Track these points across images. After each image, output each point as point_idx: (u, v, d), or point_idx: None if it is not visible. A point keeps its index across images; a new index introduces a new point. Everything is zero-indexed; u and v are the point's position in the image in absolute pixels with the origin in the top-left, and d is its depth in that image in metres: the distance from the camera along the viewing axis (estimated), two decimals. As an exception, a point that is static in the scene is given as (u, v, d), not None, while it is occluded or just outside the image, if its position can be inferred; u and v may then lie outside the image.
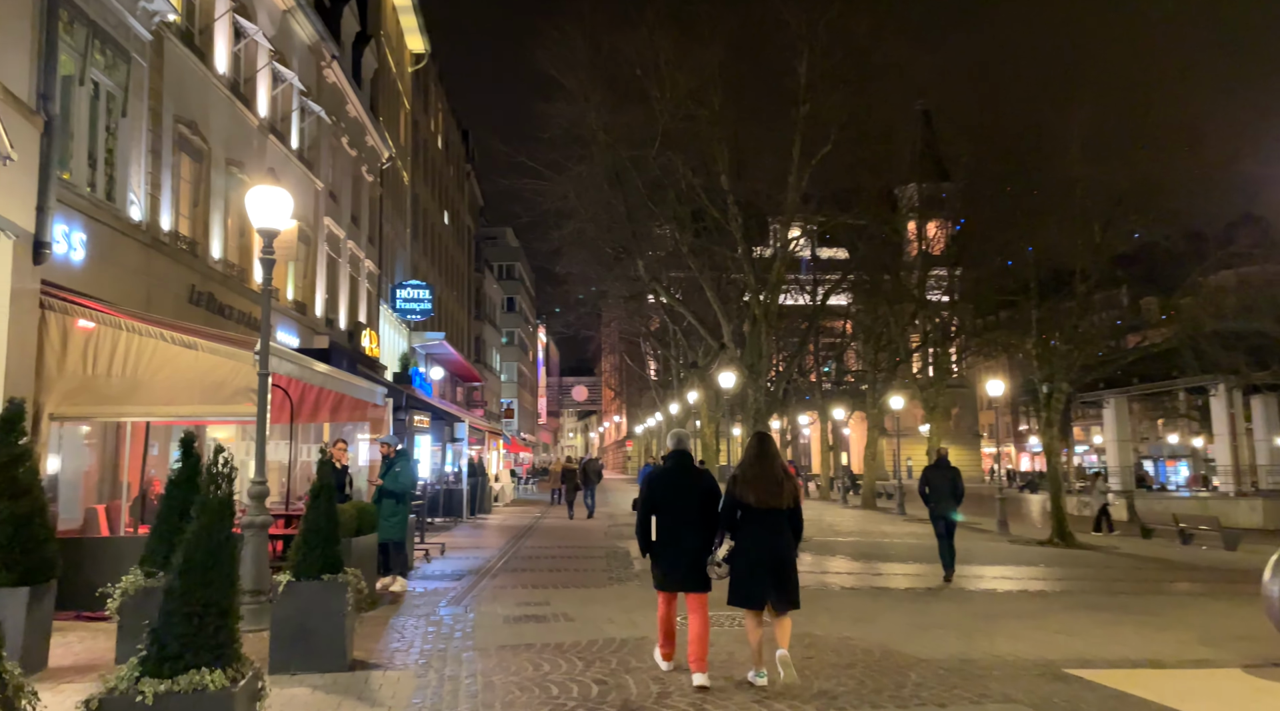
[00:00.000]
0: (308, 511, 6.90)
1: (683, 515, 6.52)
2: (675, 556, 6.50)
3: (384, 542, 10.95)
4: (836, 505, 36.65)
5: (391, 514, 10.91)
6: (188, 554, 3.74)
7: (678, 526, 6.50)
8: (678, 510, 6.54)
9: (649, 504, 6.63)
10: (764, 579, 6.25)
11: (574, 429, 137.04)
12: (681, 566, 6.48)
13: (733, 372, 24.88)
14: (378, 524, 10.88)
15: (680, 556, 6.48)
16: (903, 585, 12.64)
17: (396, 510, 10.94)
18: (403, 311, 33.47)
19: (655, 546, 6.59)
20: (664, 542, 6.54)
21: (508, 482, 33.53)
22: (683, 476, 6.68)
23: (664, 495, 6.60)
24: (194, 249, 16.26)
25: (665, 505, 6.58)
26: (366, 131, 28.26)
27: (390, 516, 10.90)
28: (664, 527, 6.53)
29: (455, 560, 14.55)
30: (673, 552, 6.51)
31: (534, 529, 21.89)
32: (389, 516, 10.89)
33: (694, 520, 6.52)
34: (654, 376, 44.76)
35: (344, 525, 9.16)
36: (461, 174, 55.09)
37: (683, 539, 6.49)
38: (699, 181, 18.98)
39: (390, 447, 11.22)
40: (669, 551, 6.53)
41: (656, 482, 6.67)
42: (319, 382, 10.97)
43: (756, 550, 6.30)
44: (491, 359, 66.53)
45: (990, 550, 18.78)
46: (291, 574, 6.72)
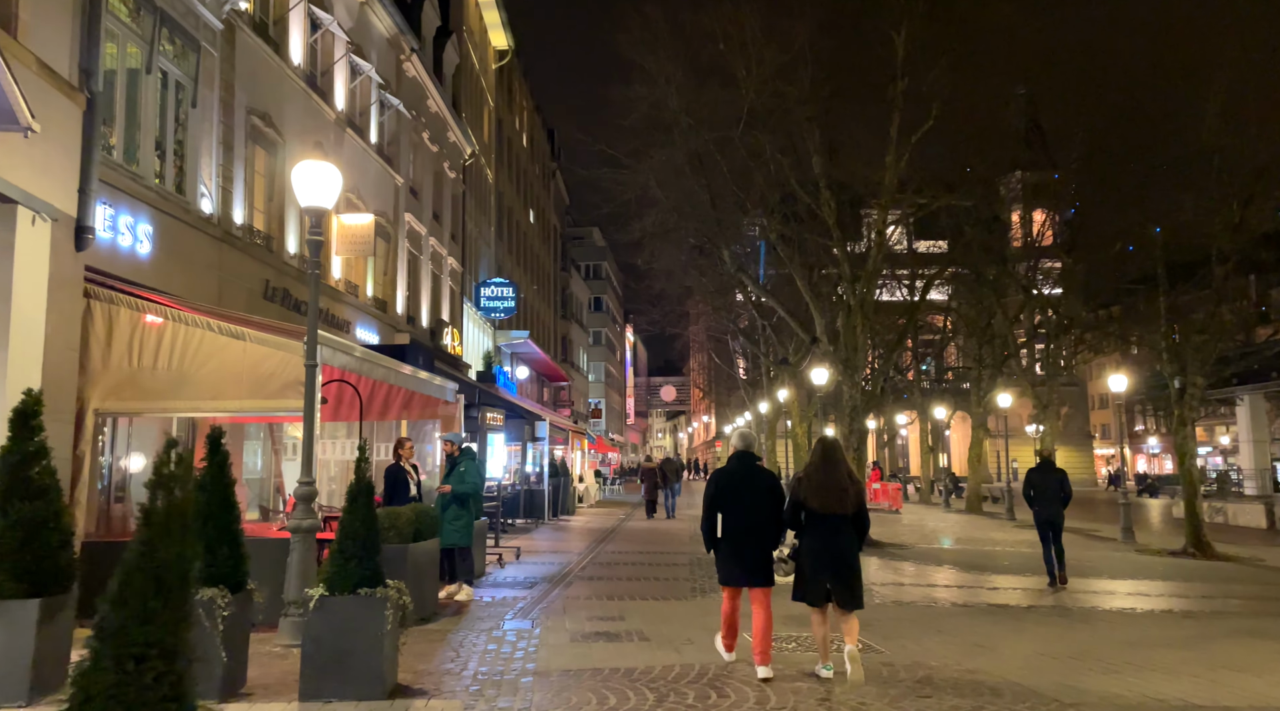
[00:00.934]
0: (344, 517, 6.12)
1: (746, 513, 6.72)
2: (738, 552, 6.70)
3: (448, 548, 10.21)
4: (938, 509, 34.71)
5: (455, 517, 10.15)
6: (123, 579, 2.90)
7: (741, 524, 6.71)
8: (741, 509, 6.74)
9: (714, 502, 6.83)
10: (827, 578, 6.48)
11: (662, 429, 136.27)
12: (745, 562, 6.69)
13: (825, 369, 23.53)
14: (440, 527, 10.15)
15: (743, 553, 6.69)
16: (1022, 601, 11.22)
17: (460, 513, 10.18)
18: (486, 310, 33.16)
19: (720, 543, 6.78)
20: (728, 539, 6.74)
21: (592, 483, 32.84)
22: (746, 476, 6.86)
23: (728, 494, 6.79)
24: (269, 244, 15.96)
25: (730, 504, 6.76)
26: (448, 127, 27.96)
27: (454, 519, 10.15)
28: (728, 525, 6.73)
29: (529, 565, 13.77)
30: (736, 549, 6.71)
31: (616, 532, 21.04)
32: (453, 519, 10.15)
33: (757, 518, 6.73)
34: (742, 374, 43.42)
35: (400, 530, 8.43)
36: (547, 172, 54.90)
37: (746, 536, 6.70)
38: (788, 161, 17.75)
39: (454, 446, 10.48)
40: (733, 548, 6.73)
41: (722, 482, 6.89)
42: (380, 376, 10.31)
43: (820, 551, 6.51)
44: (578, 359, 66.28)
45: (1118, 561, 17.00)
46: (325, 587, 5.94)
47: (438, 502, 10.26)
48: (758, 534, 6.72)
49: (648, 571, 13.41)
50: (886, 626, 9.04)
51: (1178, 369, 19.79)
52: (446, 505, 10.19)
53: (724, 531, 6.73)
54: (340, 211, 18.91)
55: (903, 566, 15.00)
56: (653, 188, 19.91)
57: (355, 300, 19.78)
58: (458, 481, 10.24)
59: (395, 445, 10.39)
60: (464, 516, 10.19)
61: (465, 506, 10.28)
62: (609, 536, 19.64)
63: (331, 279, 18.53)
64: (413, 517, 8.69)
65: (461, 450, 10.51)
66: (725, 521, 6.73)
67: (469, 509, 10.31)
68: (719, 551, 6.81)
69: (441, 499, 10.24)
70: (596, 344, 76.58)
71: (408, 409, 13.56)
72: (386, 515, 8.60)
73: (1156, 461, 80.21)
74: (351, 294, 19.67)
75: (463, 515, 10.18)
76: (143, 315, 8.37)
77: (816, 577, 6.49)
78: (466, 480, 10.30)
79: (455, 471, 10.33)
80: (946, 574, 14.20)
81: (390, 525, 8.49)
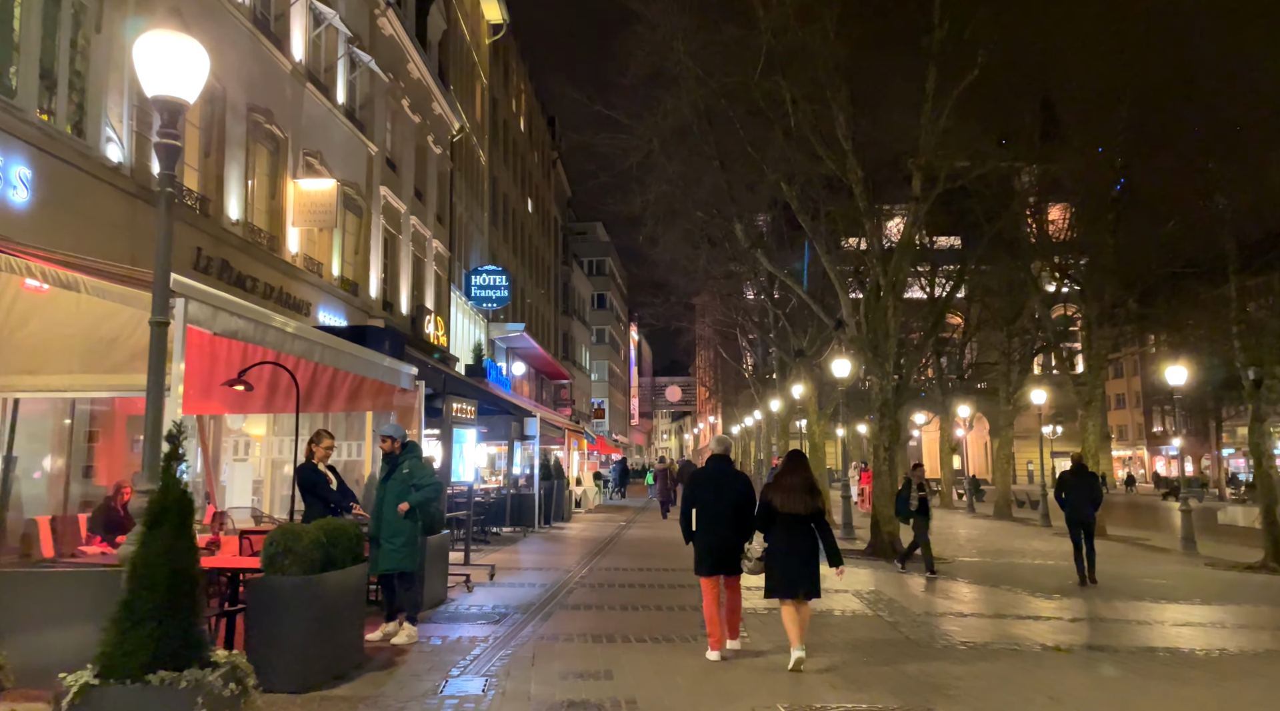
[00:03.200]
0: (136, 553, 3.73)
1: (719, 511, 7.37)
2: (712, 544, 7.34)
3: (385, 575, 7.84)
4: (961, 513, 32.24)
5: (395, 533, 7.77)
6: None
7: (715, 520, 7.36)
8: (715, 506, 7.38)
9: (690, 500, 7.58)
10: (792, 574, 7.02)
11: (668, 430, 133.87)
12: (717, 553, 7.31)
13: (848, 360, 21.10)
14: (375, 548, 7.76)
15: (716, 544, 7.32)
16: (1132, 637, 8.81)
17: (401, 528, 7.79)
18: (478, 299, 30.81)
19: (696, 536, 7.46)
20: (703, 532, 7.40)
21: (590, 486, 30.42)
22: (721, 477, 7.53)
23: (704, 493, 7.48)
24: (203, 206, 13.61)
25: (705, 501, 7.45)
26: (432, 97, 25.59)
27: (394, 537, 7.77)
28: (703, 520, 7.41)
29: (504, 588, 11.37)
30: (710, 541, 7.35)
31: (615, 542, 18.63)
32: (392, 537, 7.77)
33: (729, 515, 7.35)
34: (750, 371, 40.95)
35: (300, 556, 6.08)
36: (547, 162, 52.54)
37: (719, 530, 7.33)
38: (812, 111, 15.30)
39: (393, 442, 8.08)
40: (707, 540, 7.38)
41: (699, 482, 7.63)
42: (299, 352, 7.92)
43: (786, 549, 7.07)
44: (581, 356, 63.91)
45: (1193, 578, 14.57)
46: (96, 670, 3.55)
47: (376, 512, 7.88)
48: (729, 528, 7.34)
49: (649, 596, 11.01)
50: (976, 691, 6.61)
51: (1254, 358, 17.35)
52: (380, 518, 7.81)
53: (699, 525, 7.42)
54: (298, 175, 16.57)
55: (954, 587, 12.57)
56: (655, 152, 17.49)
57: (318, 279, 17.43)
58: (400, 487, 7.84)
59: (310, 441, 8.01)
60: (406, 532, 7.81)
61: (410, 518, 7.90)
62: (606, 548, 17.24)
63: (287, 254, 16.18)
64: (319, 538, 6.31)
65: (404, 446, 8.12)
66: (700, 517, 7.45)
67: (413, 522, 7.91)
68: (696, 543, 7.49)
69: (379, 511, 7.86)
70: (600, 342, 74.17)
71: (356, 398, 11.11)
72: (281, 536, 6.22)
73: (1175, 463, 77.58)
74: (313, 271, 17.32)
75: (404, 531, 7.80)
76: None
77: (785, 574, 7.06)
78: (423, 485, 7.91)
79: (397, 474, 7.94)
80: (1014, 599, 11.75)
81: (284, 549, 6.12)
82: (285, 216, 16.18)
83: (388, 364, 10.16)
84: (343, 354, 8.82)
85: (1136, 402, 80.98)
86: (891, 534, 16.73)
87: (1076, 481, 13.72)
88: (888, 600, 11.12)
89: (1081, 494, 13.52)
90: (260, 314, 7.17)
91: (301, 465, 7.89)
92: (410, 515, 7.88)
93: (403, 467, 7.91)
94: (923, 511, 13.74)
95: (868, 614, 10.14)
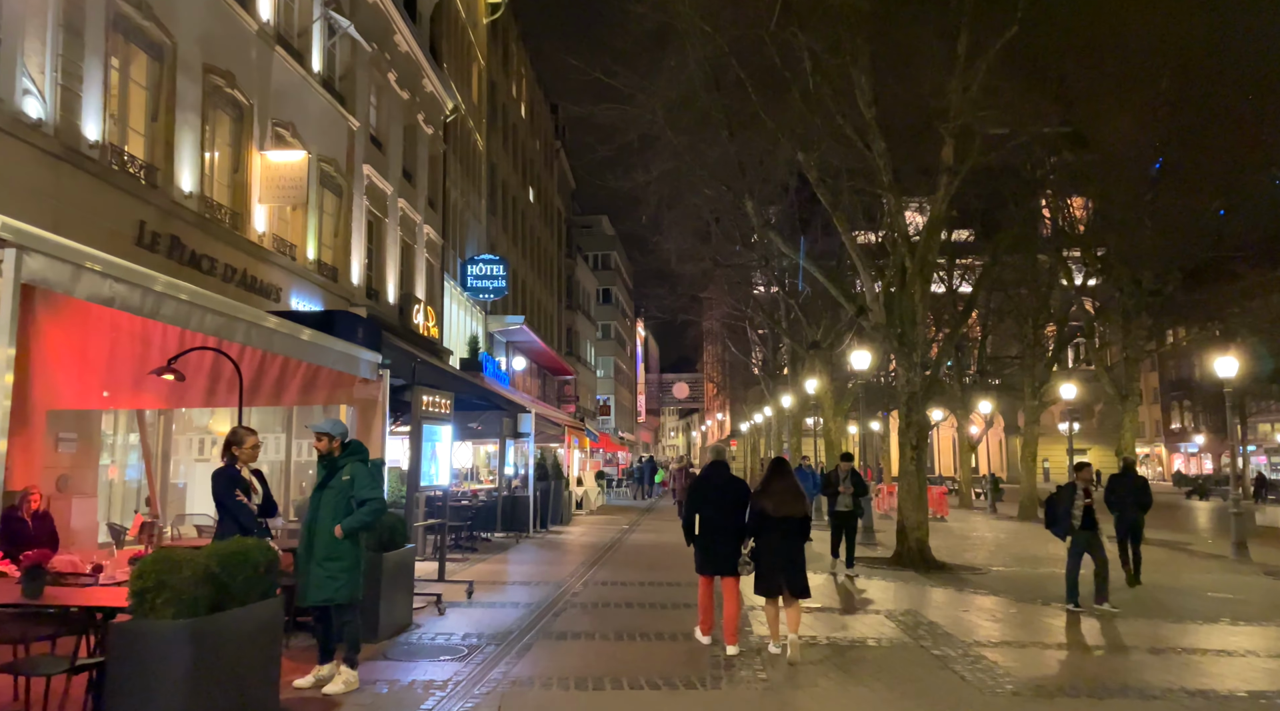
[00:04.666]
0: None
1: (719, 515, 7.87)
2: (712, 547, 7.87)
3: (320, 607, 6.30)
4: (983, 515, 30.59)
5: (332, 556, 6.23)
6: None
7: (715, 524, 7.87)
8: (714, 511, 7.89)
9: (693, 505, 8.05)
10: (780, 574, 7.59)
11: (675, 428, 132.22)
12: (717, 555, 7.85)
13: (868, 351, 19.52)
14: (310, 572, 6.23)
15: (716, 547, 7.85)
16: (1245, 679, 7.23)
17: (339, 549, 6.24)
18: (474, 290, 29.29)
19: (698, 539, 7.94)
20: (704, 535, 7.90)
21: (592, 487, 28.86)
22: (719, 483, 8.03)
23: (704, 498, 7.97)
24: (149, 175, 12.09)
25: (704, 506, 7.94)
26: (423, 73, 24.05)
27: (330, 559, 6.23)
28: (704, 524, 7.90)
29: (481, 609, 9.84)
30: (710, 544, 7.88)
31: (616, 547, 17.10)
32: (328, 558, 6.22)
33: (727, 519, 7.86)
34: (759, 366, 39.31)
35: (179, 592, 4.56)
36: (550, 151, 50.98)
37: (718, 533, 7.85)
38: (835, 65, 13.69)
39: (330, 440, 6.52)
40: (707, 543, 7.89)
41: (699, 487, 8.12)
42: (212, 330, 6.38)
43: (774, 551, 7.63)
44: (585, 352, 62.37)
45: (1263, 592, 12.95)
46: None
47: (307, 527, 6.36)
48: (727, 532, 7.80)
49: (650, 619, 9.47)
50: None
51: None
52: (312, 535, 6.28)
53: (700, 529, 7.88)
54: (265, 147, 15.06)
55: (998, 606, 10.98)
56: (659, 123, 15.91)
57: (290, 262, 15.92)
58: (338, 497, 6.31)
59: (228, 440, 6.48)
60: (345, 555, 6.27)
61: (354, 545, 6.35)
62: (605, 555, 15.70)
63: (253, 233, 14.68)
64: (206, 567, 4.78)
65: (345, 446, 6.56)
66: (701, 521, 7.88)
67: (354, 543, 6.37)
68: (697, 545, 7.94)
69: (311, 526, 6.32)
70: (605, 337, 72.55)
71: (311, 390, 9.64)
72: (154, 565, 4.70)
73: (1195, 461, 75.65)
74: (285, 253, 15.81)
75: (343, 553, 6.25)
76: None
77: (772, 574, 7.58)
78: (366, 499, 6.35)
79: (335, 480, 6.39)
80: (1084, 627, 10.16)
81: (156, 583, 4.59)
82: (251, 192, 14.67)
83: (340, 349, 8.63)
84: (277, 335, 7.29)
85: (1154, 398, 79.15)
86: (920, 541, 15.15)
87: (1125, 484, 13.82)
88: (927, 624, 9.55)
89: (1129, 497, 13.53)
90: (146, 277, 5.64)
91: (218, 470, 6.37)
92: (354, 535, 6.34)
93: (342, 473, 6.36)
94: (1089, 524, 10.63)
95: (907, 642, 8.59)
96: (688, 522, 8.01)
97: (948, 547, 17.53)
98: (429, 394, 9.89)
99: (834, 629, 9.13)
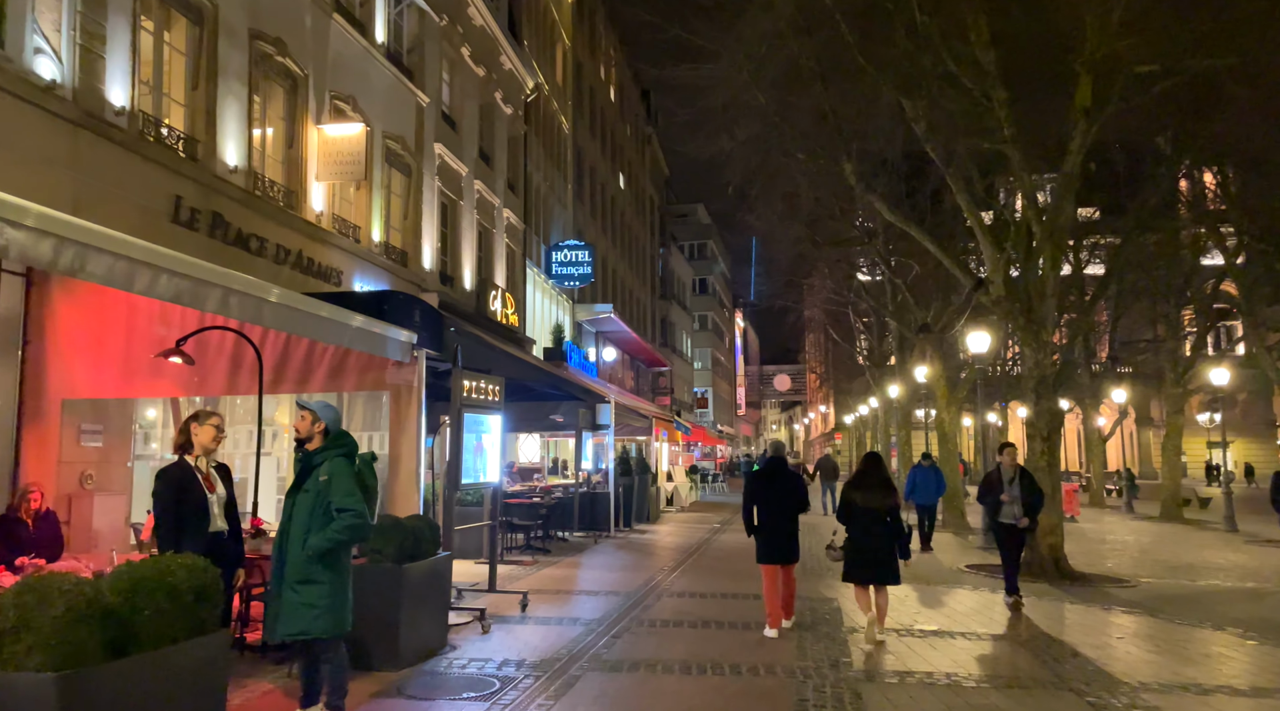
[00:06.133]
0: None
1: (777, 507, 8.37)
2: (772, 536, 8.36)
3: (299, 640, 5.00)
4: (1118, 514, 27.72)
5: (307, 578, 4.93)
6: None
7: (773, 515, 8.37)
8: (773, 503, 8.40)
9: (751, 498, 8.52)
10: (869, 564, 8.00)
11: (777, 421, 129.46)
12: (778, 544, 8.33)
13: (986, 333, 17.38)
14: (280, 597, 4.97)
15: (776, 537, 8.35)
16: None
17: (315, 572, 4.93)
18: (559, 277, 28.20)
19: (758, 529, 8.42)
20: (764, 526, 8.39)
21: (683, 482, 27.34)
22: (777, 477, 8.50)
23: (763, 491, 8.47)
24: (189, 148, 11.25)
25: (764, 499, 8.44)
26: (500, 49, 23.01)
27: (306, 583, 4.93)
28: (764, 516, 8.40)
29: (531, 627, 8.51)
30: (770, 535, 8.36)
31: (702, 550, 15.60)
32: (302, 583, 4.92)
33: (784, 511, 8.37)
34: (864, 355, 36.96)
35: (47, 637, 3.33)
36: (641, 136, 49.66)
37: (777, 524, 8.35)
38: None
39: (314, 421, 5.19)
40: (767, 534, 8.37)
41: (758, 481, 8.60)
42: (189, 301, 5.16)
43: (862, 541, 8.05)
44: (681, 343, 60.89)
45: None
46: None
47: (279, 540, 5.10)
48: (785, 523, 8.38)
49: (726, 644, 7.95)
50: None
51: None
52: (283, 551, 5.01)
53: (760, 520, 8.42)
54: (323, 121, 14.16)
55: (1158, 632, 8.97)
56: (743, 80, 14.25)
57: (352, 244, 15.01)
58: (314, 501, 5.02)
59: (180, 430, 5.26)
60: (324, 578, 4.94)
61: (334, 566, 5.03)
62: (688, 560, 14.22)
63: (309, 212, 13.78)
64: (92, 597, 3.53)
65: (331, 437, 5.24)
66: (760, 512, 8.42)
67: (335, 563, 5.03)
68: (758, 536, 8.44)
69: (282, 540, 5.07)
70: (702, 328, 70.85)
71: (339, 375, 8.50)
72: (14, 600, 3.48)
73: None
74: (346, 236, 14.90)
75: (319, 576, 4.93)
76: None
77: (861, 563, 8.03)
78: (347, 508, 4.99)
79: (312, 480, 5.08)
80: (1269, 655, 8.12)
81: (16, 626, 3.37)
82: (308, 168, 13.79)
83: (358, 325, 7.38)
84: (266, 304, 6.07)
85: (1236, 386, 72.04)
86: (1053, 547, 13.11)
87: None
88: (1072, 657, 7.70)
89: None
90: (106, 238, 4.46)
91: (164, 468, 5.17)
92: (331, 556, 5.00)
93: (320, 472, 5.05)
94: None
95: (1048, 681, 6.81)
96: (748, 515, 8.49)
97: (1084, 554, 15.34)
98: (472, 378, 8.62)
99: (955, 659, 7.40)
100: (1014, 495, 9.98)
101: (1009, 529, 10.12)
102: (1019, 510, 9.98)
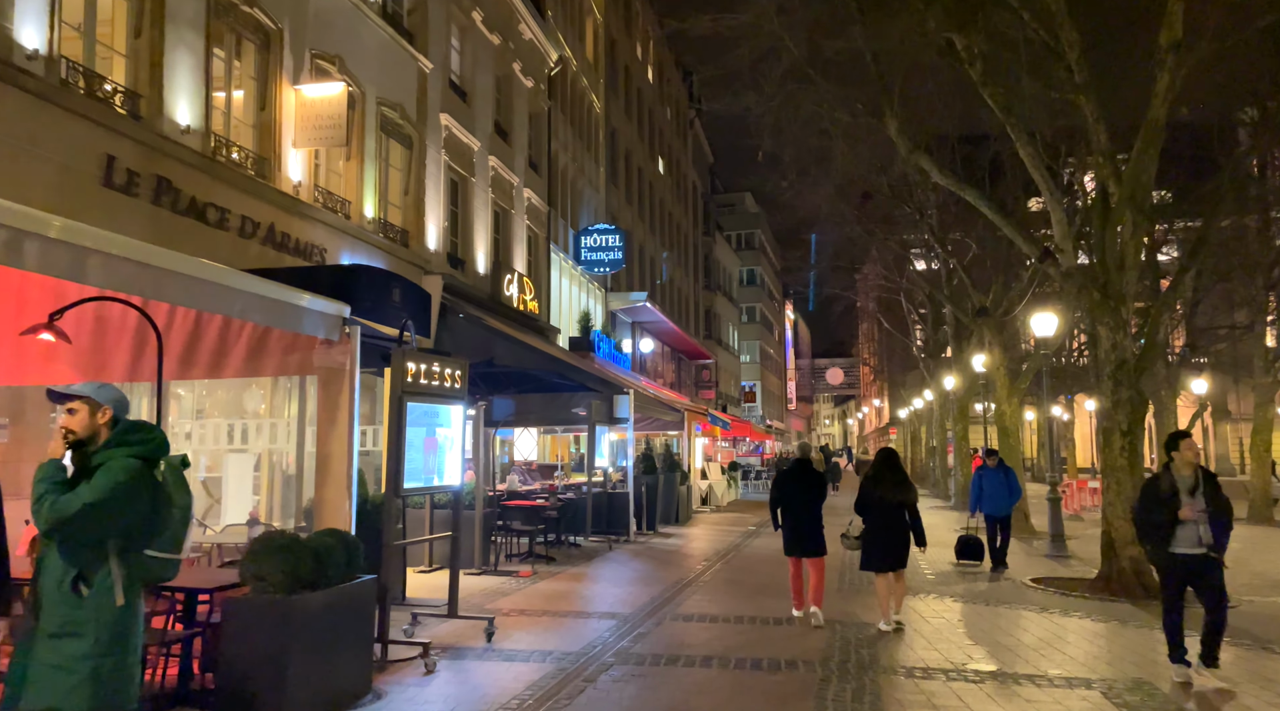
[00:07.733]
0: None
1: (801, 503, 8.87)
2: (797, 531, 8.81)
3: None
4: (1201, 518, 25.11)
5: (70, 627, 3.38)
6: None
7: (798, 510, 8.86)
8: (798, 499, 8.89)
9: (778, 496, 9.06)
10: (888, 552, 8.45)
11: (830, 415, 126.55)
12: (802, 538, 8.78)
13: (1053, 314, 15.38)
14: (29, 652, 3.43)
15: (801, 531, 8.80)
16: None
17: (80, 618, 3.39)
18: (588, 263, 26.66)
19: (784, 524, 8.94)
20: (789, 522, 8.89)
21: (718, 480, 25.59)
22: (802, 475, 9.06)
23: (790, 488, 8.99)
24: (129, 103, 9.91)
25: (790, 495, 8.94)
26: (518, 17, 21.52)
27: (70, 634, 3.38)
28: (789, 511, 8.91)
29: (492, 663, 6.94)
30: (795, 529, 8.83)
31: (728, 558, 13.91)
32: (61, 633, 3.37)
33: (809, 507, 8.88)
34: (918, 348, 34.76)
35: None
36: (683, 120, 47.90)
37: (802, 520, 8.82)
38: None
39: (93, 411, 3.66)
40: (792, 527, 8.85)
41: (785, 479, 9.15)
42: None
43: (882, 532, 8.51)
44: (727, 336, 58.98)
45: None
46: None
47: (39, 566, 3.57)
48: (810, 516, 8.82)
49: (731, 696, 6.29)
50: None
51: None
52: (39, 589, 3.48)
53: (785, 516, 8.92)
54: (301, 81, 12.78)
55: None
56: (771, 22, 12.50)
57: (339, 220, 13.64)
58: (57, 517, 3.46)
59: None
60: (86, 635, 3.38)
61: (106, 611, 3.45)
62: (709, 570, 12.55)
63: (285, 182, 12.42)
64: None
65: (118, 429, 3.68)
66: (785, 508, 8.92)
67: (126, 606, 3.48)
68: (785, 530, 8.93)
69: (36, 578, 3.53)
70: (750, 321, 68.75)
71: (259, 357, 7.01)
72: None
73: None
74: (332, 209, 13.53)
75: (87, 625, 3.39)
76: None
77: (879, 552, 8.48)
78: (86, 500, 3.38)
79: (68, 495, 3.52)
80: None
81: None
82: (282, 134, 12.42)
83: (262, 291, 5.88)
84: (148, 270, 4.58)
85: None
86: (1136, 560, 11.12)
87: None
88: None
89: None
90: None
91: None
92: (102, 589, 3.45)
93: (98, 475, 3.53)
94: None
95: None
96: (774, 509, 9.03)
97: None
98: (420, 360, 7.09)
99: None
100: (1199, 510, 6.59)
101: (1191, 562, 6.66)
102: (1206, 533, 6.60)
